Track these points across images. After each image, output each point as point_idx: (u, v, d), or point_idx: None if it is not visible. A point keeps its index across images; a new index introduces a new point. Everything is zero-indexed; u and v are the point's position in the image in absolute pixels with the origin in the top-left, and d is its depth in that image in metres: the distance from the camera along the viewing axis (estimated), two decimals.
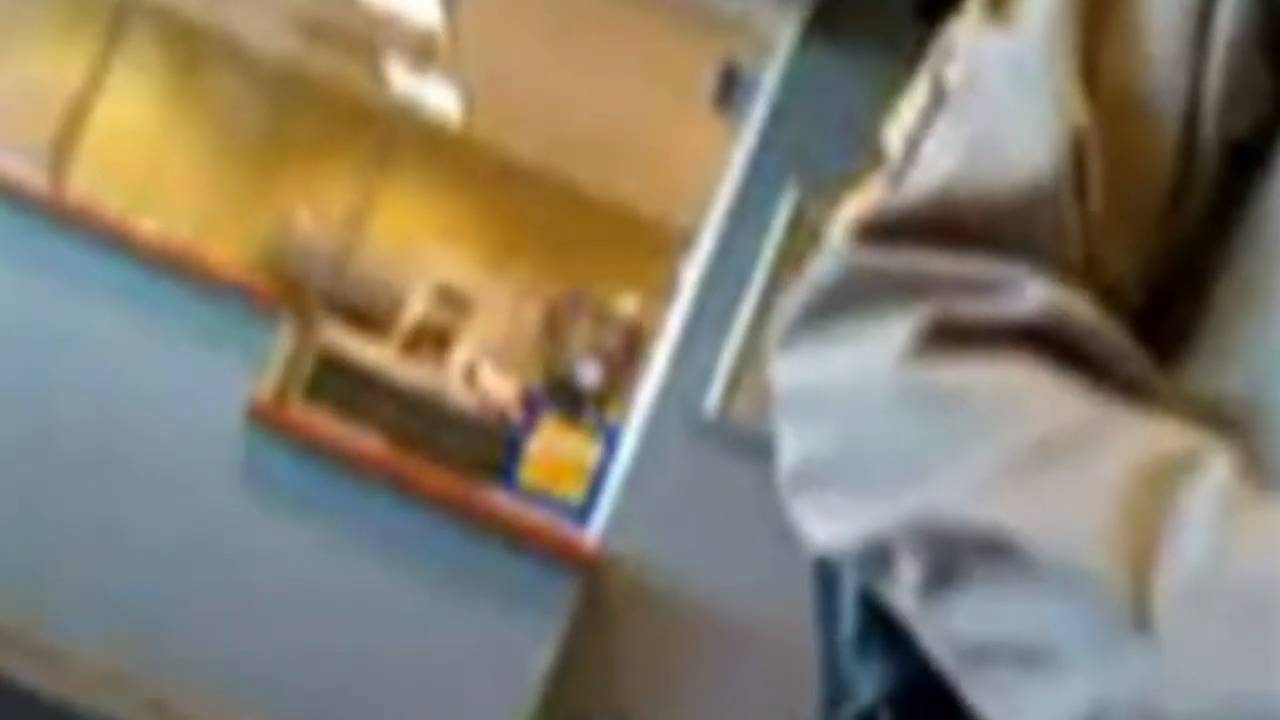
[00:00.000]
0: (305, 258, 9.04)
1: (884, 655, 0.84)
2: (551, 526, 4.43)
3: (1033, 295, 0.67)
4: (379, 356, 8.13)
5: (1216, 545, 0.56)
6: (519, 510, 4.50)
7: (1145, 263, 0.72)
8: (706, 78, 4.87)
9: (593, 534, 4.39)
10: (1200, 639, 0.55)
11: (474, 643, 4.29)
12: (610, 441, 4.68)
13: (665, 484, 4.34)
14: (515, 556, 4.26)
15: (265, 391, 4.44)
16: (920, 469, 0.65)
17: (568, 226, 9.55)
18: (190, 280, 4.41)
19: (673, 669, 4.28)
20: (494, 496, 4.65)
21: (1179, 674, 0.55)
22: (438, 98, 9.03)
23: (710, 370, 4.32)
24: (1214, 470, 0.59)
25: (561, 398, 5.81)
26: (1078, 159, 0.69)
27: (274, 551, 4.32)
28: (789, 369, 0.74)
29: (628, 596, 4.32)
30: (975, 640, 0.62)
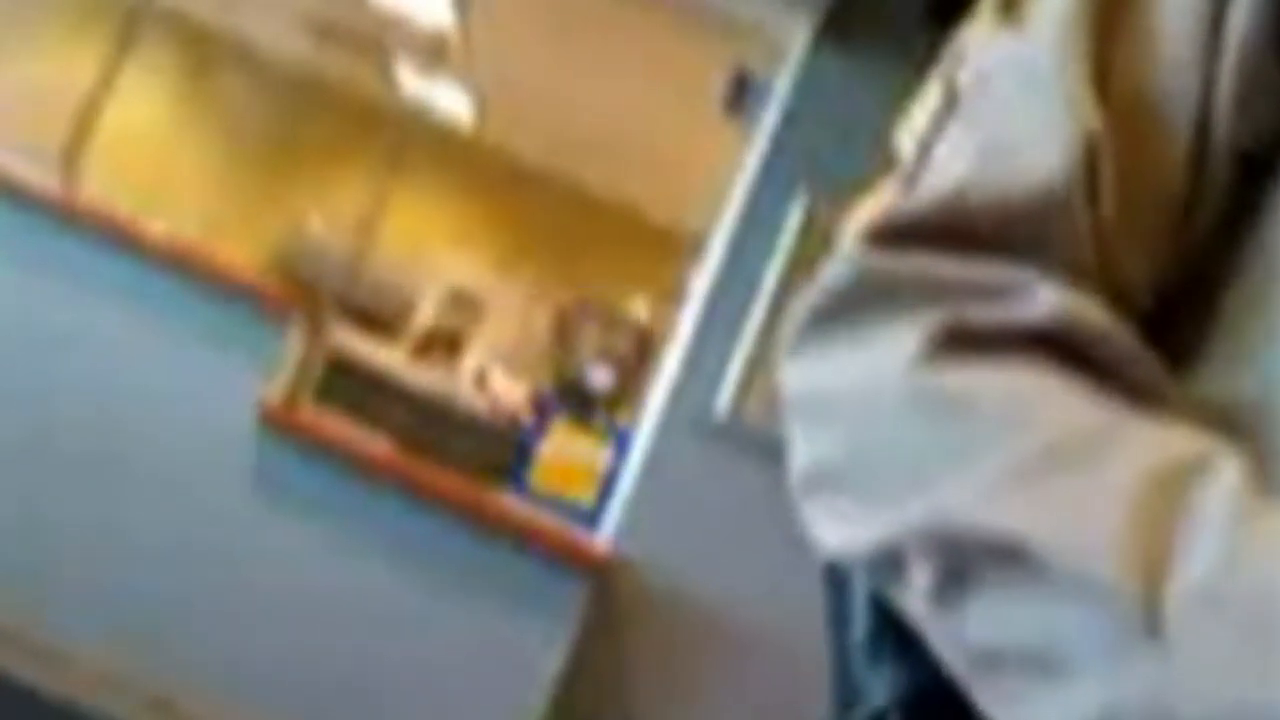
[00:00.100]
0: (316, 260, 9.05)
1: (895, 660, 0.84)
2: (562, 530, 4.43)
3: (1044, 300, 0.67)
4: (389, 360, 8.13)
5: (1228, 551, 0.56)
6: (529, 514, 4.49)
7: (1156, 267, 0.72)
8: (718, 82, 4.86)
9: (603, 537, 4.38)
10: (1211, 645, 0.55)
11: (483, 646, 4.29)
12: (621, 445, 4.67)
13: (676, 488, 4.34)
14: (525, 560, 4.25)
15: (276, 394, 4.44)
16: (931, 474, 0.65)
17: (579, 230, 9.55)
18: (201, 282, 4.41)
19: (683, 672, 4.27)
20: (504, 500, 4.65)
21: (1190, 680, 0.55)
22: (449, 101, 9.04)
23: (721, 374, 4.31)
24: (1225, 475, 0.59)
25: (572, 401, 5.81)
26: (1090, 163, 0.69)
27: (283, 553, 4.32)
28: (800, 373, 0.74)
29: (638, 600, 4.32)
30: (986, 645, 0.62)
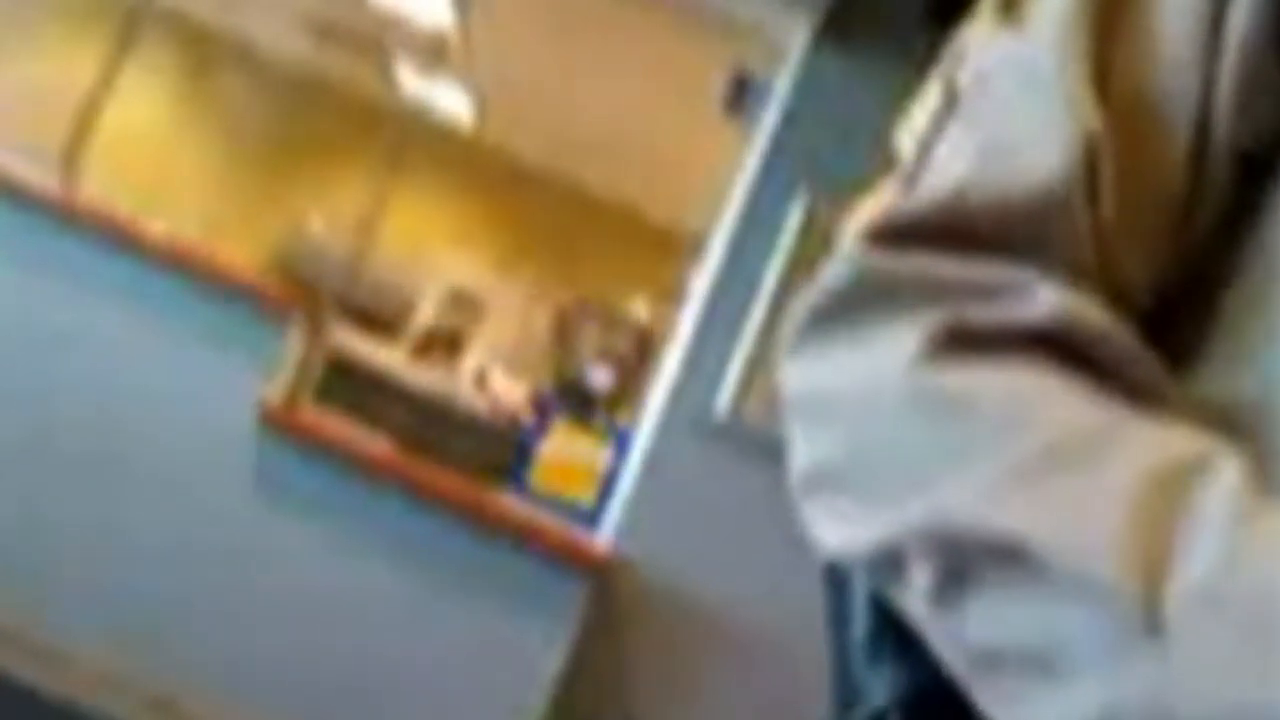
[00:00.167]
0: (316, 260, 9.05)
1: (895, 660, 0.84)
2: (562, 530, 4.43)
3: (1044, 300, 0.67)
4: (390, 360, 8.13)
5: (1228, 551, 0.56)
6: (529, 513, 4.49)
7: (1156, 267, 0.72)
8: (718, 83, 4.86)
9: (603, 537, 4.38)
10: (1211, 645, 0.55)
11: (484, 646, 4.29)
12: (621, 445, 4.67)
13: (676, 488, 4.34)
14: (525, 560, 4.25)
15: (276, 394, 4.44)
16: (931, 474, 0.65)
17: (579, 230, 9.55)
18: (201, 282, 4.41)
19: (683, 672, 4.27)
20: (504, 500, 4.64)
21: (1190, 680, 0.55)
22: (449, 101, 9.04)
23: (721, 374, 4.31)
24: (1225, 475, 0.59)
25: (572, 401, 5.81)
26: (1090, 163, 0.69)
27: (283, 553, 4.32)
28: (800, 373, 0.74)
29: (638, 600, 4.32)
30: (986, 645, 0.62)
